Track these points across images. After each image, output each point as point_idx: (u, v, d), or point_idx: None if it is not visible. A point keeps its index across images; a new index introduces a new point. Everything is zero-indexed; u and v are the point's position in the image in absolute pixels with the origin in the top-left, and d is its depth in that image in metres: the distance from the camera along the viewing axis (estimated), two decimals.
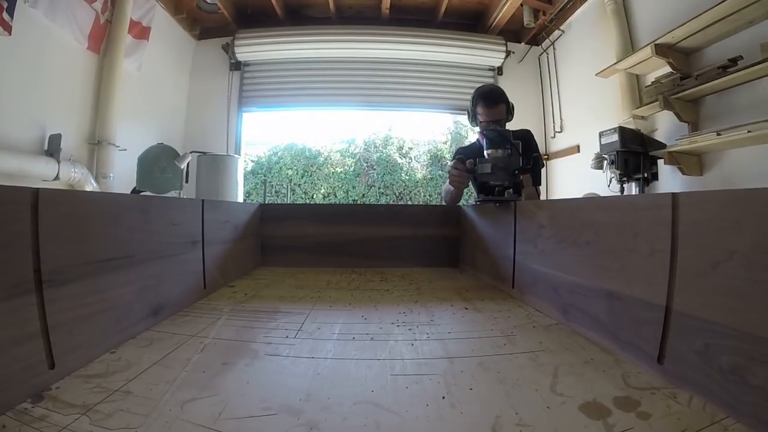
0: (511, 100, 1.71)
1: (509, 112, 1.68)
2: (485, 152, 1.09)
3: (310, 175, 6.57)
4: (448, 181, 1.52)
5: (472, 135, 7.08)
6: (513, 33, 4.80)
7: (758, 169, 2.21)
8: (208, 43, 4.76)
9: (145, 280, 0.69)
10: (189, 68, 4.72)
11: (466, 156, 1.53)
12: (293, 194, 6.39)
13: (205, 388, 0.46)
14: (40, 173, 2.57)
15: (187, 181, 3.48)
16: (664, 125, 2.90)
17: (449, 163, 1.78)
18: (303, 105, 4.97)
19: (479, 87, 1.76)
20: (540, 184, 1.07)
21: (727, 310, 0.41)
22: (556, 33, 4.39)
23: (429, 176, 6.70)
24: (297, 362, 0.55)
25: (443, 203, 1.71)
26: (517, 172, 1.05)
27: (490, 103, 1.65)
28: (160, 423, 0.38)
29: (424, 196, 6.52)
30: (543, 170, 5.46)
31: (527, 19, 4.24)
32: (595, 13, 3.69)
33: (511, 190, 1.04)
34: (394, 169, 6.66)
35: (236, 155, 4.08)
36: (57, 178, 2.66)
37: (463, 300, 0.93)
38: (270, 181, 6.30)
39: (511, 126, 1.60)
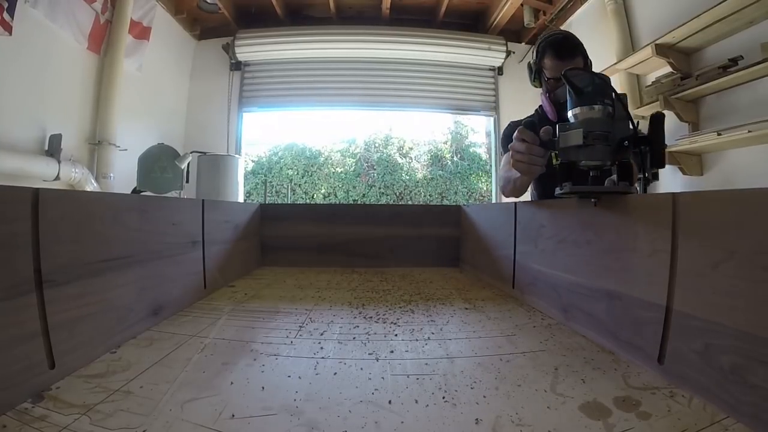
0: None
1: (588, 70, 1.16)
2: (569, 113, 0.68)
3: (311, 175, 6.57)
4: (504, 163, 1.14)
5: (473, 135, 7.10)
6: (513, 33, 4.79)
7: (758, 169, 2.21)
8: (208, 43, 4.75)
9: (145, 280, 0.69)
10: (189, 68, 4.72)
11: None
12: (293, 194, 6.39)
13: (205, 388, 0.46)
14: (41, 173, 2.57)
15: (187, 181, 3.48)
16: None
17: (512, 137, 1.21)
18: (303, 105, 4.97)
19: (546, 35, 1.28)
20: (663, 166, 0.64)
21: (727, 310, 0.41)
22: None
23: (429, 176, 6.70)
24: (297, 362, 0.55)
25: (505, 194, 1.21)
26: (627, 143, 0.64)
27: (563, 53, 1.17)
28: (160, 423, 0.38)
29: (425, 196, 6.52)
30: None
31: (528, 19, 4.24)
32: (596, 13, 3.69)
33: (615, 176, 0.65)
34: (395, 169, 6.66)
35: (236, 155, 4.08)
36: (57, 178, 2.66)
37: (464, 300, 0.93)
38: (270, 181, 6.30)
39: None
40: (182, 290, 0.83)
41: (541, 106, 1.31)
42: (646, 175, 0.64)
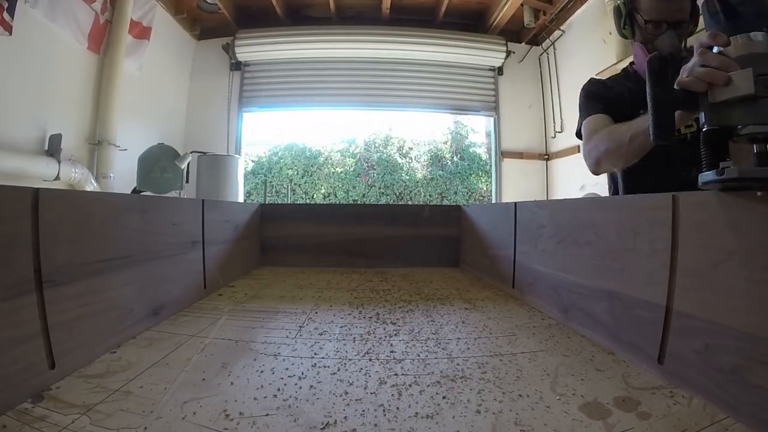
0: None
1: (694, 14, 0.89)
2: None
3: (311, 175, 6.57)
4: (595, 128, 0.93)
5: (473, 135, 7.10)
6: (513, 33, 4.80)
7: None
8: (208, 43, 4.76)
9: (145, 280, 0.69)
10: (189, 68, 4.72)
11: (610, 101, 0.89)
12: (293, 194, 6.40)
13: (205, 388, 0.46)
14: (41, 173, 2.57)
15: (187, 181, 3.48)
16: None
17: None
18: (303, 105, 4.98)
19: None
20: None
21: (727, 310, 0.41)
22: (557, 33, 4.39)
23: (429, 176, 6.70)
24: (297, 362, 0.55)
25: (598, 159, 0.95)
26: None
27: None
28: (160, 423, 0.38)
29: (425, 196, 6.53)
30: (543, 168, 5.37)
31: (528, 19, 4.25)
32: (596, 13, 3.69)
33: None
34: (395, 169, 6.67)
35: (236, 155, 4.08)
36: (57, 178, 2.67)
37: (464, 300, 0.93)
38: (270, 181, 6.30)
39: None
40: (182, 290, 0.83)
41: (632, 64, 1.02)
42: None
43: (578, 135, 1.09)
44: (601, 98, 1.02)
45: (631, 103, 0.51)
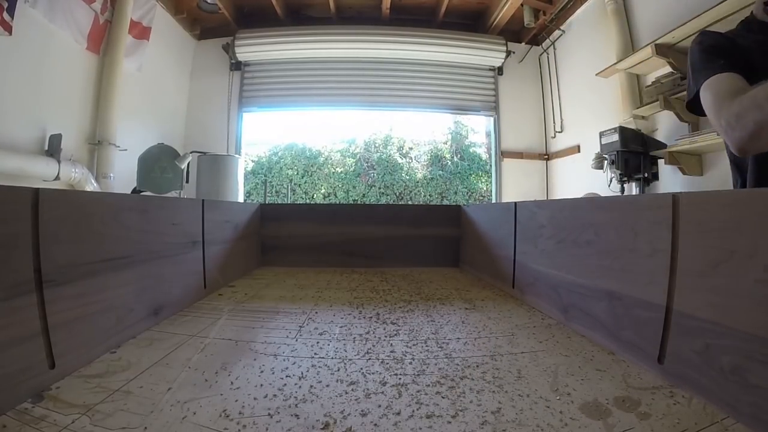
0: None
1: None
2: None
3: (311, 175, 6.57)
4: (733, 88, 0.74)
5: (473, 135, 7.10)
6: (513, 33, 4.80)
7: None
8: (208, 43, 4.76)
9: (145, 280, 0.69)
10: (189, 68, 4.72)
11: (737, 58, 0.72)
12: (293, 194, 6.39)
13: (205, 388, 0.46)
14: (41, 173, 2.57)
15: (187, 181, 3.48)
16: (664, 125, 2.90)
17: None
18: (303, 105, 4.98)
19: None
20: None
21: (727, 310, 0.41)
22: (557, 33, 4.39)
23: (429, 176, 6.70)
24: (297, 362, 0.55)
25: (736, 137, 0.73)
26: None
27: None
28: (160, 423, 0.38)
29: (425, 196, 6.53)
30: (543, 168, 5.35)
31: (527, 19, 4.25)
32: (596, 13, 3.69)
33: None
34: (395, 169, 6.66)
35: (236, 155, 4.08)
36: (57, 178, 2.66)
37: (464, 300, 0.93)
38: (270, 181, 6.30)
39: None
40: (182, 290, 0.83)
41: (766, 4, 0.83)
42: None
43: (689, 106, 0.89)
44: (726, 54, 0.80)
45: (764, 59, 0.43)
